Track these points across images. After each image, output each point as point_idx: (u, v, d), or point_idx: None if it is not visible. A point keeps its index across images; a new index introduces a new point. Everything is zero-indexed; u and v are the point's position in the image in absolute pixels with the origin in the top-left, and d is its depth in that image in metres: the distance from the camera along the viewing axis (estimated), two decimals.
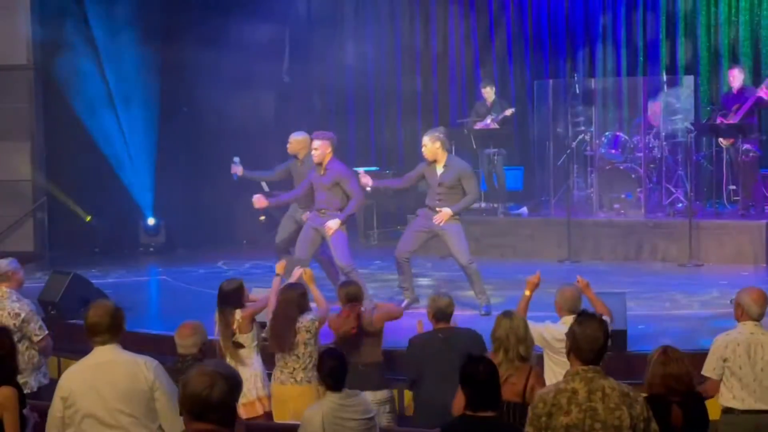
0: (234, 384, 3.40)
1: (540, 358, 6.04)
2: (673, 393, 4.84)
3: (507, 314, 5.36)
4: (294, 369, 6.42)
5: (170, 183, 14.22)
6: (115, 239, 14.09)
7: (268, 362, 6.72)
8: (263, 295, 6.97)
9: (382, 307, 6.91)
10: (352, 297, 6.57)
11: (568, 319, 6.03)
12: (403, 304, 9.33)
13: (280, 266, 7.15)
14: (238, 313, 6.61)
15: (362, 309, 6.59)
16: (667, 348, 4.82)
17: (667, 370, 4.69)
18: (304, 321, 6.42)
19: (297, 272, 7.10)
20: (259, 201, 9.24)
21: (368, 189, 9.48)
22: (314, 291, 6.90)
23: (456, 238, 9.18)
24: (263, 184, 9.61)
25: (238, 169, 9.83)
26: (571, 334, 4.13)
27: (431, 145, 9.13)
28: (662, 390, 4.85)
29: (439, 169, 9.21)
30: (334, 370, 5.22)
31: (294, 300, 6.44)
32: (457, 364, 4.54)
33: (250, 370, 6.54)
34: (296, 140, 9.71)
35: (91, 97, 13.57)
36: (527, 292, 6.30)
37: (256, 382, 6.55)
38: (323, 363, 5.28)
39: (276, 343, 6.44)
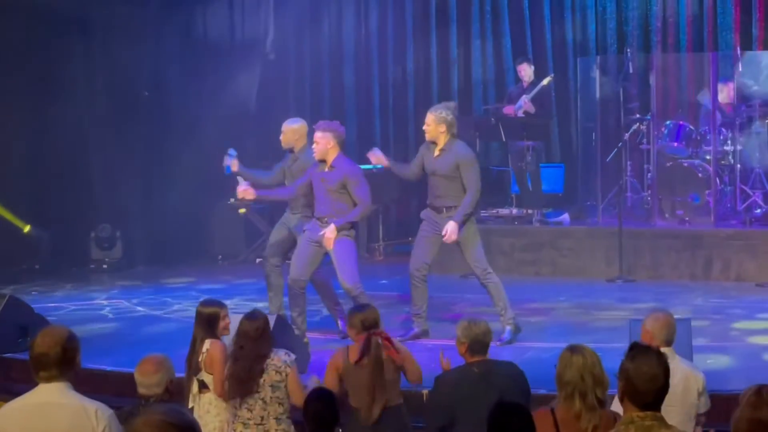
0: None
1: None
2: None
3: (576, 350, 5.13)
4: (262, 418, 6.29)
5: (128, 184, 14.18)
6: (60, 254, 14.06)
7: None
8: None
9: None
10: (371, 324, 6.41)
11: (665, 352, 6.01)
12: (411, 333, 9.37)
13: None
14: (207, 344, 6.49)
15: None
16: (762, 387, 4.68)
17: (758, 414, 4.53)
18: (277, 360, 6.32)
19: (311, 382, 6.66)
20: (245, 191, 9.23)
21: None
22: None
23: (476, 244, 9.26)
24: (239, 177, 9.55)
25: (232, 162, 9.71)
26: (623, 373, 4.09)
27: (435, 126, 9.16)
28: None
29: (435, 153, 9.21)
30: (319, 415, 5.18)
31: (264, 330, 6.32)
32: None
33: (216, 419, 6.43)
34: (291, 129, 9.57)
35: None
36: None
37: None
38: (308, 405, 5.26)
39: (237, 387, 6.28)
